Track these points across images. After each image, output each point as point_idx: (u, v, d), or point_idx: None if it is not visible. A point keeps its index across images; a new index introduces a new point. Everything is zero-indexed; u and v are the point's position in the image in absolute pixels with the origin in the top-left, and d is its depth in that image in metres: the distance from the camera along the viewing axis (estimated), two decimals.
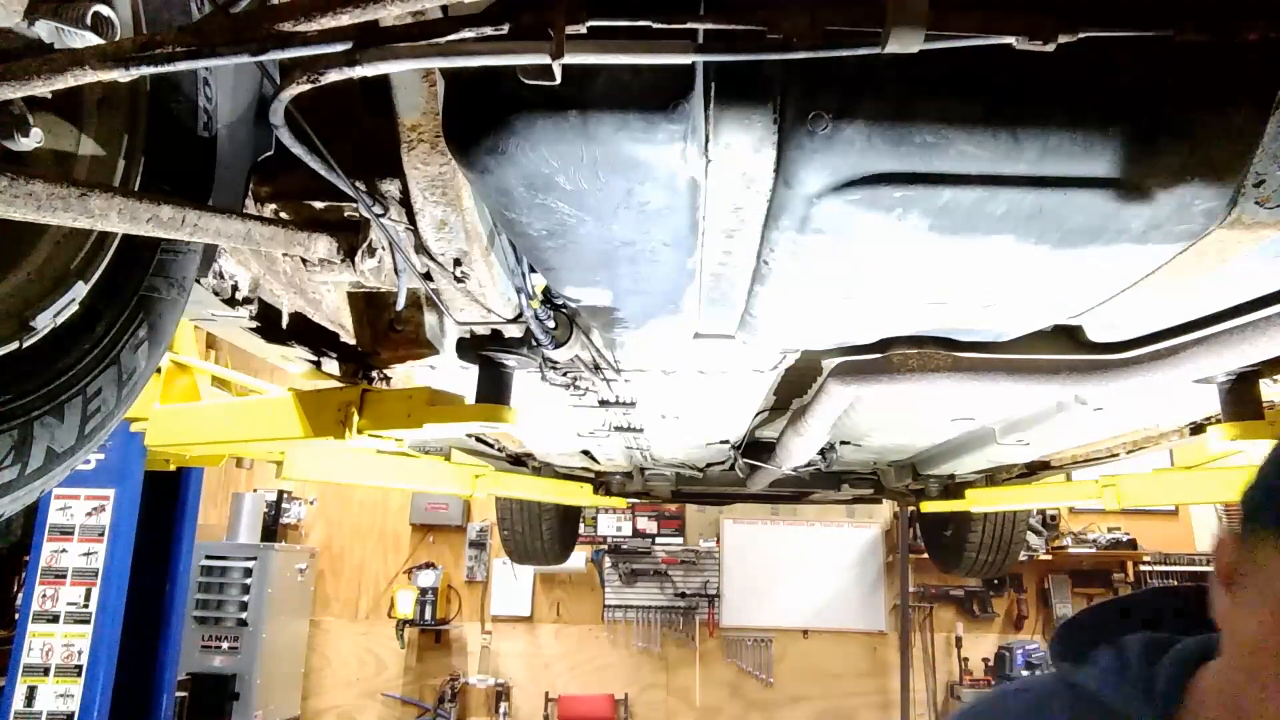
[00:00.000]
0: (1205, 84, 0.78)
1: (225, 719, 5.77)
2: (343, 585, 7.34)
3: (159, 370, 2.68)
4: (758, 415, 2.54)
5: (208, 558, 6.13)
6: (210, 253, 1.24)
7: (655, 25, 0.70)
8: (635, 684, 7.12)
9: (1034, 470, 3.41)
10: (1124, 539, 7.09)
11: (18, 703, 2.82)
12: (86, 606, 2.90)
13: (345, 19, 0.69)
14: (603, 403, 2.23)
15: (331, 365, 1.80)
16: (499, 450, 3.47)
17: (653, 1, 0.70)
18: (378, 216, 1.18)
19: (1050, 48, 0.68)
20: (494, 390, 1.74)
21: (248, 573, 6.16)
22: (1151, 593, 0.78)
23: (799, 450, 2.50)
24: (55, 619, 2.90)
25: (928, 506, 3.99)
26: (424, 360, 1.76)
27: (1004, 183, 0.87)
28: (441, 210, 1.17)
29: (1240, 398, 1.71)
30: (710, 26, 0.70)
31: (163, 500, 3.27)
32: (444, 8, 0.71)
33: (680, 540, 7.35)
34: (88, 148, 0.86)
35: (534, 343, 1.64)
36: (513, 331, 1.67)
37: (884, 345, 1.58)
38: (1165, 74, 0.78)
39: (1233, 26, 0.67)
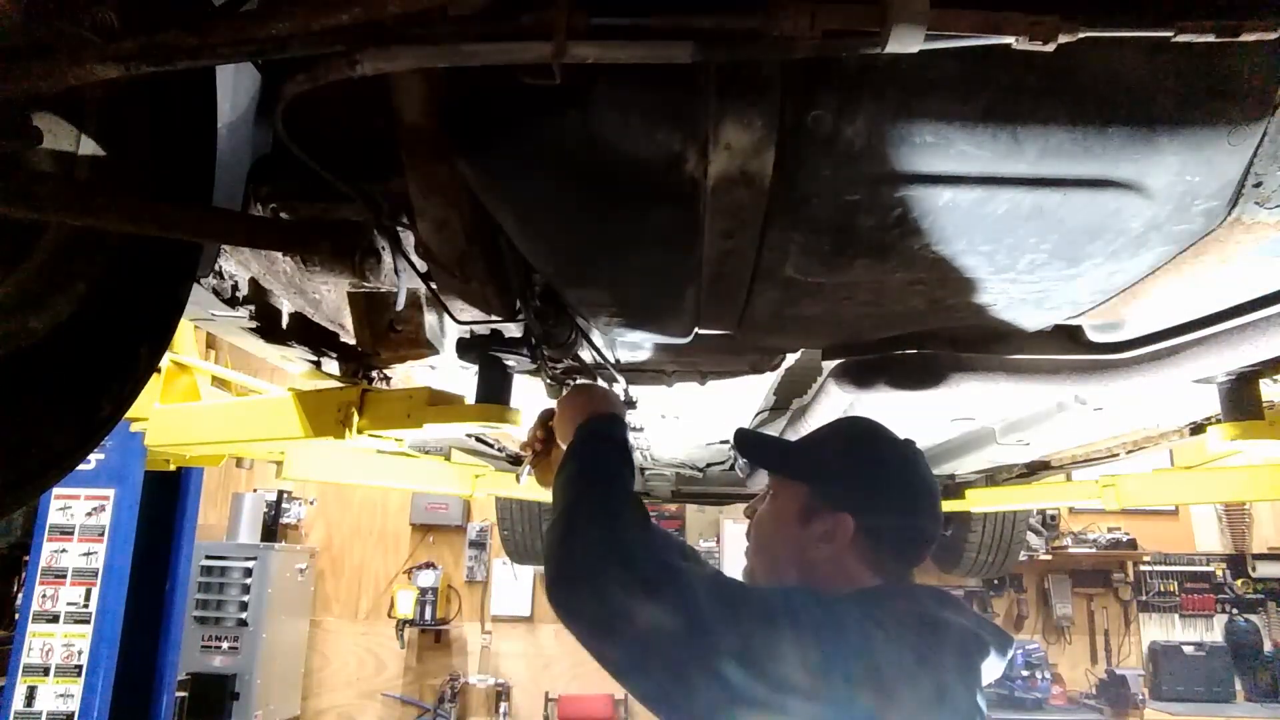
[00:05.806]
0: (1204, 84, 0.78)
1: (225, 719, 5.77)
2: (343, 585, 7.34)
3: (159, 370, 2.68)
4: (758, 415, 2.54)
5: (208, 558, 6.12)
6: (211, 253, 1.24)
7: (655, 25, 0.70)
8: None
9: (1034, 470, 3.41)
10: (1124, 539, 7.08)
11: (18, 703, 2.82)
12: (86, 606, 2.90)
13: (345, 19, 0.69)
14: None
15: (331, 365, 1.80)
16: (499, 450, 3.47)
17: (653, 1, 0.71)
18: (378, 217, 1.18)
19: (1050, 48, 0.68)
20: (494, 390, 1.74)
21: (248, 573, 6.15)
22: None
23: None
24: (55, 619, 2.89)
25: None
26: (424, 360, 1.76)
27: (1004, 183, 0.87)
28: (441, 210, 1.16)
29: (1240, 398, 1.71)
30: (710, 26, 0.70)
31: (163, 500, 3.27)
32: (444, 7, 0.71)
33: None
34: (88, 148, 0.86)
35: (534, 342, 1.64)
36: (513, 331, 1.67)
37: (884, 345, 1.58)
38: (1165, 73, 0.78)
39: (1232, 27, 0.67)
